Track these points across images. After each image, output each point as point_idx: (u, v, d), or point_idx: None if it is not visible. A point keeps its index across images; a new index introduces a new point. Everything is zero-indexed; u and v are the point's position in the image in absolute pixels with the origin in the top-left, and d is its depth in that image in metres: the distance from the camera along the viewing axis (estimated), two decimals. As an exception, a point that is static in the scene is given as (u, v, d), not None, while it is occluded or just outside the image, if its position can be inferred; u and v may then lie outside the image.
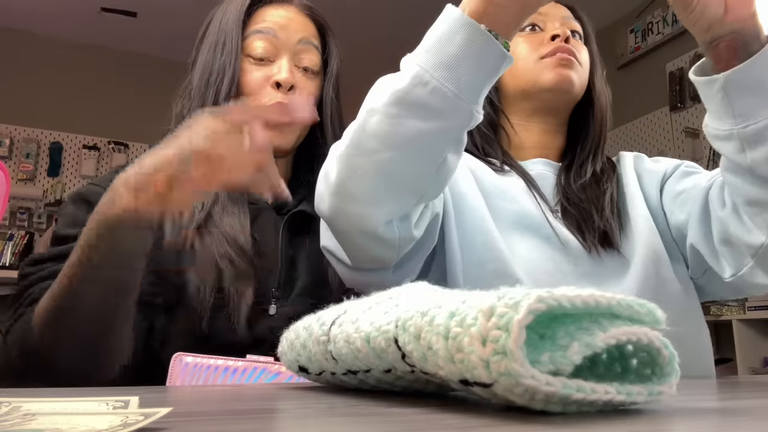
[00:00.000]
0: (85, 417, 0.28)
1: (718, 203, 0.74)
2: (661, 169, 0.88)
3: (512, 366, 0.26)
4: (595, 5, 3.74)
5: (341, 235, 0.70)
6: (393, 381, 0.39)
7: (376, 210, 0.64)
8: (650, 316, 0.30)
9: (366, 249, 0.68)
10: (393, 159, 0.61)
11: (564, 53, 0.84)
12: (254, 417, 0.33)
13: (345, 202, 0.65)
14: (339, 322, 0.42)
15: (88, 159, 3.99)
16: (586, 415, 0.29)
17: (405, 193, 0.65)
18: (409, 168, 0.63)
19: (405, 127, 0.60)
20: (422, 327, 0.32)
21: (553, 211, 0.82)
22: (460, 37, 0.58)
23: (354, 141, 0.63)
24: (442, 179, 0.65)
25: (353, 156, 0.63)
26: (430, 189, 0.66)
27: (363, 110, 0.63)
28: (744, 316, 2.76)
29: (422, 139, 0.61)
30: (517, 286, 0.29)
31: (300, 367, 0.47)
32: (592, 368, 0.32)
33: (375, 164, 0.62)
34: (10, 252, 3.39)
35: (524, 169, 0.86)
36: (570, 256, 0.78)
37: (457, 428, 0.27)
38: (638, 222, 0.81)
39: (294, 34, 0.86)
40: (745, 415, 0.33)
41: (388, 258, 0.70)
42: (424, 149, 0.62)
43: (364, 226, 0.65)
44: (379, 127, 0.61)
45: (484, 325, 0.28)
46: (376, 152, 0.61)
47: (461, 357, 0.29)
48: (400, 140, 0.61)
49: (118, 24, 3.82)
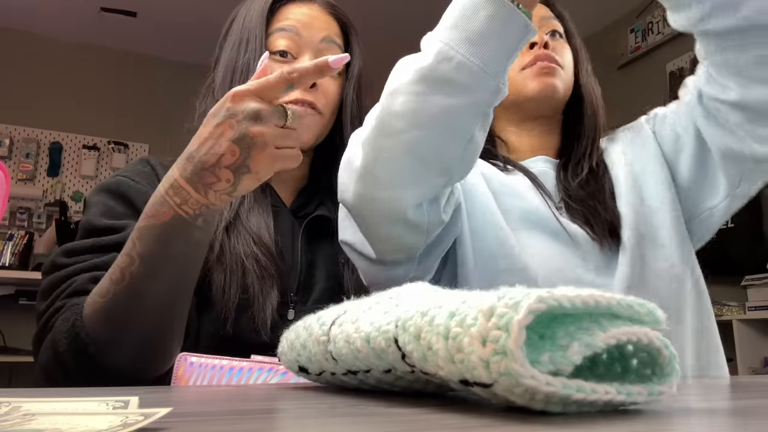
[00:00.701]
0: (85, 417, 0.28)
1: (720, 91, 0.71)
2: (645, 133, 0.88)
3: (512, 366, 0.26)
4: (595, 5, 3.75)
5: (368, 225, 0.69)
6: (393, 381, 0.39)
7: (405, 192, 0.64)
8: (650, 316, 0.31)
9: (394, 237, 0.68)
10: (420, 138, 0.61)
11: (544, 61, 0.84)
12: (254, 417, 0.33)
13: (372, 188, 0.65)
14: (339, 322, 0.42)
15: (88, 159, 3.99)
16: (586, 415, 0.29)
17: (433, 173, 0.64)
18: (437, 146, 0.62)
19: (431, 103, 0.60)
20: (422, 327, 0.32)
21: (557, 207, 0.83)
22: (484, 12, 0.58)
23: (379, 123, 0.63)
24: (469, 157, 0.65)
25: (379, 138, 0.63)
26: (458, 168, 0.65)
27: (386, 92, 0.63)
28: (744, 316, 2.76)
29: (449, 115, 0.60)
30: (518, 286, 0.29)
31: (300, 368, 0.47)
32: (592, 368, 0.32)
33: (402, 144, 0.62)
34: (10, 252, 3.38)
35: (527, 168, 0.86)
36: (580, 251, 0.78)
37: (457, 428, 0.27)
38: (622, 204, 0.81)
39: (317, 33, 0.85)
40: (745, 415, 0.33)
41: (415, 245, 0.69)
42: (451, 126, 0.61)
43: (394, 210, 0.65)
44: (405, 106, 0.60)
45: (484, 325, 0.28)
46: (403, 132, 0.61)
47: (461, 357, 0.29)
48: (427, 118, 0.60)
49: (118, 24, 3.82)
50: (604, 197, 0.83)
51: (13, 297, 3.21)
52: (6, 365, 3.04)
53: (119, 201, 0.75)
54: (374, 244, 0.70)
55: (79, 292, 0.66)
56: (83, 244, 0.71)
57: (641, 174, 0.84)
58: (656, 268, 0.77)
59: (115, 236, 0.70)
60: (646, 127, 0.89)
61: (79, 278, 0.67)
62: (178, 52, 4.00)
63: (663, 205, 0.81)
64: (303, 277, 0.83)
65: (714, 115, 0.75)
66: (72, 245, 0.71)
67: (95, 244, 0.70)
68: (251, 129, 0.56)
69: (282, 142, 0.58)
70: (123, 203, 0.75)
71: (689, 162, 0.81)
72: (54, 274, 0.69)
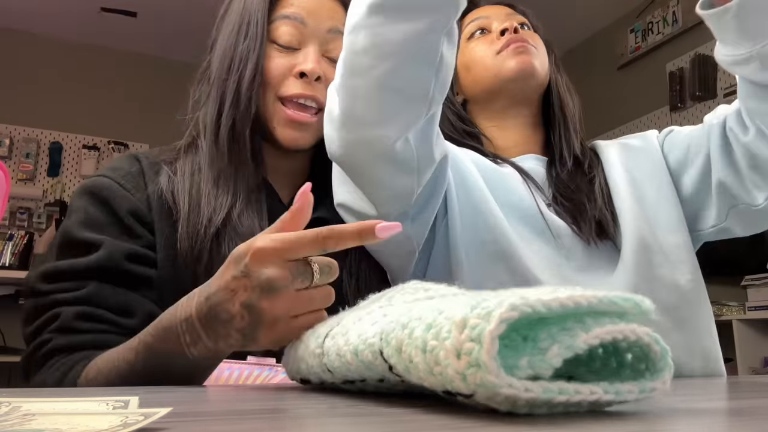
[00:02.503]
0: (85, 417, 0.28)
1: (740, 130, 0.74)
2: (651, 143, 0.88)
3: (487, 378, 0.26)
4: (595, 5, 3.75)
5: (358, 172, 0.69)
6: (390, 387, 0.39)
7: (388, 128, 0.63)
8: (636, 309, 0.30)
9: (385, 180, 0.67)
10: (390, 69, 0.60)
11: (517, 42, 0.85)
12: (254, 417, 0.33)
13: (355, 130, 0.64)
14: (332, 335, 0.42)
15: (88, 159, 3.99)
16: (586, 415, 0.29)
17: (412, 101, 0.63)
18: (409, 74, 0.61)
19: (394, 33, 0.59)
20: (403, 340, 0.32)
21: (548, 204, 0.82)
22: None
23: (347, 66, 0.62)
24: (443, 77, 0.64)
25: (351, 79, 0.62)
26: (435, 91, 0.64)
27: (346, 31, 0.62)
28: (744, 316, 2.76)
29: (414, 40, 0.59)
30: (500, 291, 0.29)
31: (302, 379, 0.48)
32: (588, 363, 0.32)
33: (375, 80, 0.61)
34: (10, 252, 3.39)
35: (517, 164, 0.86)
36: (563, 250, 0.78)
37: (458, 428, 0.27)
38: (624, 210, 0.80)
39: (324, 22, 0.80)
40: (745, 415, 0.33)
41: (409, 187, 0.69)
42: (419, 51, 0.60)
43: (381, 148, 0.64)
44: (368, 41, 0.59)
45: (457, 338, 0.28)
46: (372, 67, 0.60)
47: (439, 370, 0.29)
48: (393, 47, 0.59)
49: (118, 24, 3.82)
50: (593, 193, 0.82)
51: (13, 297, 3.21)
52: (6, 365, 3.05)
53: (101, 208, 0.72)
54: (368, 194, 0.69)
55: (65, 330, 0.66)
56: (61, 267, 0.69)
57: (641, 180, 0.83)
58: (659, 274, 0.76)
59: (92, 259, 0.68)
60: (654, 140, 0.89)
61: (63, 312, 0.66)
62: (178, 52, 3.99)
63: (662, 207, 0.81)
64: None
65: (728, 148, 0.76)
66: (51, 269, 0.69)
67: (73, 268, 0.68)
68: (261, 303, 0.49)
69: (301, 309, 0.50)
70: (105, 211, 0.72)
71: (693, 180, 0.81)
72: (35, 299, 0.69)
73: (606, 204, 0.82)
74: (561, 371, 0.29)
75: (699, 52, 3.23)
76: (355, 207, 0.71)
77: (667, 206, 0.81)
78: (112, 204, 0.72)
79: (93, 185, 0.74)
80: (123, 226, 0.71)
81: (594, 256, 0.78)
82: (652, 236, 0.78)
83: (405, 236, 0.73)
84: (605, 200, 0.82)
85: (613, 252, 0.79)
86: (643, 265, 0.75)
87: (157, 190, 0.75)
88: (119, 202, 0.72)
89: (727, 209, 0.79)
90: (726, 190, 0.77)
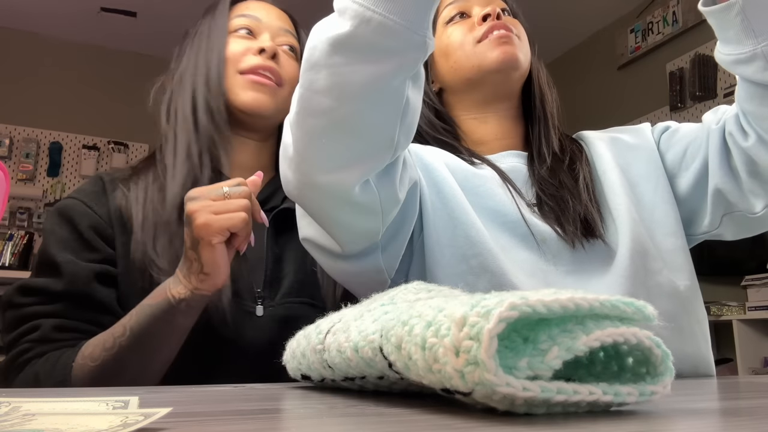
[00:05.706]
0: (85, 417, 0.28)
1: (740, 135, 0.72)
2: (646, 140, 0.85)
3: (485, 376, 0.26)
4: (595, 5, 3.75)
5: (318, 215, 0.65)
6: (389, 385, 0.39)
7: (346, 174, 0.59)
8: (639, 314, 0.29)
9: (347, 221, 0.64)
10: (352, 113, 0.56)
11: (501, 29, 0.80)
12: (254, 417, 0.33)
13: (311, 174, 0.60)
14: (333, 331, 0.42)
15: (88, 159, 3.99)
16: (585, 415, 0.29)
17: (374, 147, 0.59)
18: (372, 118, 0.57)
19: (357, 74, 0.54)
20: (402, 337, 0.32)
21: (530, 205, 0.77)
22: None
23: (304, 105, 0.57)
24: (409, 122, 0.60)
25: (307, 120, 0.58)
26: (400, 136, 0.59)
27: (304, 68, 0.57)
28: (744, 316, 2.76)
29: (378, 83, 0.55)
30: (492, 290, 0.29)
31: (302, 375, 0.48)
32: (589, 367, 0.32)
33: (334, 123, 0.56)
34: (10, 252, 3.39)
35: (495, 164, 0.80)
36: (549, 255, 0.73)
37: (458, 428, 0.27)
38: (620, 212, 0.75)
39: (275, 20, 0.92)
40: (744, 416, 0.33)
41: (373, 228, 0.65)
42: (383, 94, 0.56)
43: (339, 194, 0.60)
44: (328, 81, 0.55)
45: (456, 336, 0.28)
46: (333, 110, 0.56)
47: (438, 367, 0.29)
48: (356, 89, 0.55)
49: (118, 24, 3.82)
50: (578, 189, 0.78)
51: (13, 297, 3.21)
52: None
53: (65, 226, 0.80)
54: (333, 235, 0.66)
55: (45, 340, 0.73)
56: (35, 285, 0.76)
57: (637, 181, 0.80)
58: (658, 281, 0.72)
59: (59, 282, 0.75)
60: (649, 135, 0.85)
61: (43, 323, 0.73)
62: (178, 52, 3.99)
63: (659, 208, 0.78)
64: (270, 272, 0.82)
65: (728, 154, 0.75)
66: (29, 284, 0.76)
67: (46, 289, 0.75)
68: (187, 209, 0.67)
69: (218, 209, 0.66)
70: (68, 228, 0.79)
71: (688, 183, 0.79)
72: (13, 311, 0.76)
73: (591, 199, 0.77)
74: (562, 374, 0.29)
75: (699, 52, 3.23)
76: (320, 242, 0.69)
77: (665, 208, 0.78)
78: (74, 221, 0.80)
79: (60, 206, 0.83)
80: (83, 240, 0.79)
81: (583, 259, 0.73)
82: (650, 241, 0.75)
83: (375, 270, 0.70)
84: (590, 195, 0.78)
85: (604, 253, 0.74)
86: (639, 270, 0.72)
87: (115, 206, 0.82)
88: (80, 219, 0.80)
89: (721, 215, 0.77)
90: (722, 197, 0.75)
